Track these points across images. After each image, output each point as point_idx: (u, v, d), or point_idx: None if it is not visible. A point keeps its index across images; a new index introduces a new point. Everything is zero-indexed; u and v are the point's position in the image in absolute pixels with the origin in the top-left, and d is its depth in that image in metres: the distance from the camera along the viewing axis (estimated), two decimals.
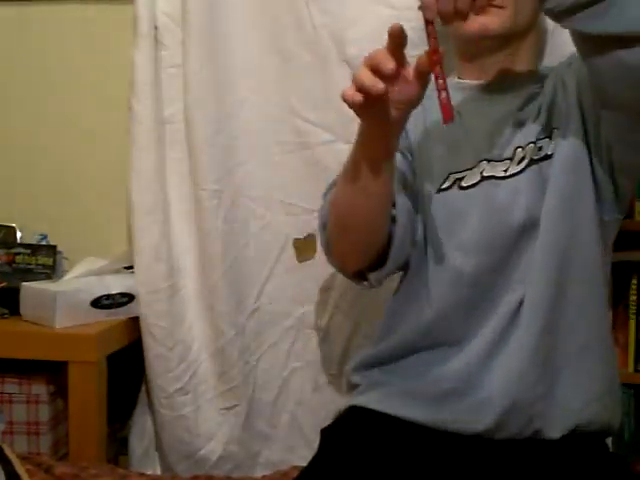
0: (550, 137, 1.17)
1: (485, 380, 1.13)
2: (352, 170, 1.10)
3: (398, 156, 1.18)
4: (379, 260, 1.19)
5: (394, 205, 1.16)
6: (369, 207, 1.12)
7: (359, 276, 1.23)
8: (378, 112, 1.02)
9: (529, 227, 1.14)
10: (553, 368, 1.13)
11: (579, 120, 1.15)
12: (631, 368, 1.59)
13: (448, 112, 0.98)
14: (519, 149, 1.18)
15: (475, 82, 1.26)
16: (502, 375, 1.12)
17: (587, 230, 1.14)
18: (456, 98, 1.25)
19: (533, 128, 1.18)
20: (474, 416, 1.12)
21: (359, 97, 0.98)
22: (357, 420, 1.19)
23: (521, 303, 1.13)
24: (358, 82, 0.98)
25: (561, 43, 1.42)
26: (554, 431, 1.12)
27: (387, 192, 1.12)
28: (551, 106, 1.19)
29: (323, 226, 1.23)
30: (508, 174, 1.17)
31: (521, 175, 1.16)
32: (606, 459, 1.15)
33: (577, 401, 1.13)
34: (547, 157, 1.16)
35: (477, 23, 1.18)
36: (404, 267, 1.24)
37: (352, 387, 1.28)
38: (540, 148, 1.17)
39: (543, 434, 1.12)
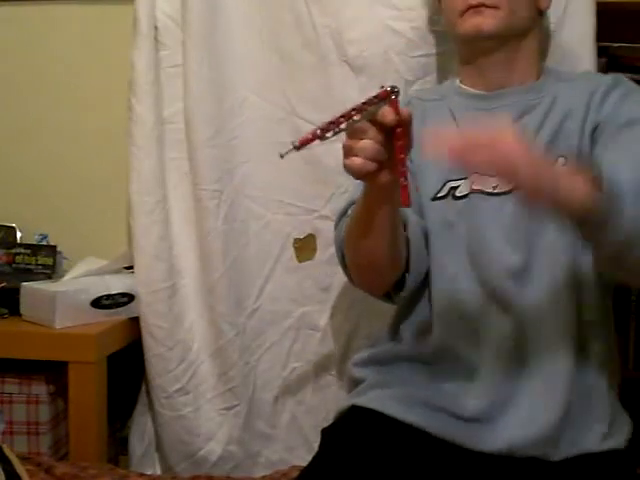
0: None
1: (491, 409, 1.13)
2: (361, 219, 1.10)
3: None
4: (403, 278, 1.19)
5: (405, 227, 1.16)
6: (383, 246, 1.12)
7: (385, 295, 1.25)
8: (376, 177, 1.00)
9: (519, 245, 1.14)
10: (564, 399, 1.12)
11: (589, 149, 1.15)
12: (631, 368, 1.59)
13: (406, 197, 0.97)
14: None
15: (474, 91, 1.26)
16: (511, 405, 1.12)
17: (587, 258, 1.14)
18: (455, 103, 1.26)
19: None
20: (475, 441, 1.11)
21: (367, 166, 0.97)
22: (358, 420, 1.18)
23: (523, 322, 1.13)
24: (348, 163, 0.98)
25: (562, 43, 1.43)
26: (560, 457, 1.11)
27: (396, 231, 1.12)
28: (558, 131, 1.18)
29: (340, 250, 1.23)
30: (496, 191, 1.16)
31: (508, 195, 1.15)
32: (607, 457, 1.13)
33: (588, 437, 1.12)
34: None
35: (470, 23, 1.18)
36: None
37: (354, 382, 1.28)
38: None
39: (548, 459, 1.11)
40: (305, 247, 1.60)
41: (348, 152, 0.98)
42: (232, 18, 1.56)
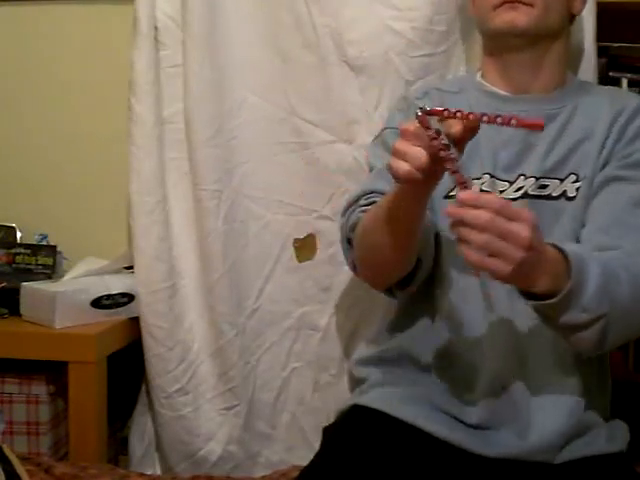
0: (562, 180, 1.16)
1: (495, 418, 1.13)
2: (388, 217, 1.08)
3: None
4: (407, 275, 1.19)
5: None
6: (403, 245, 1.11)
7: (387, 290, 1.24)
8: (417, 185, 0.99)
9: None
10: (570, 408, 1.12)
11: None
12: (631, 368, 1.59)
13: (535, 123, 0.92)
14: (521, 177, 1.17)
15: (495, 89, 1.25)
16: (514, 414, 1.12)
17: None
18: (474, 99, 1.24)
19: (542, 160, 1.17)
20: (480, 446, 1.11)
21: (417, 175, 0.94)
22: (360, 420, 1.18)
23: (524, 329, 1.13)
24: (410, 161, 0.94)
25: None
26: (562, 459, 1.11)
27: (420, 230, 1.11)
28: (575, 149, 1.17)
29: (347, 240, 1.23)
30: (501, 196, 1.16)
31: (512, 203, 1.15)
32: (608, 460, 1.13)
33: (591, 444, 1.12)
34: (550, 197, 1.15)
35: (503, 18, 1.18)
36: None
37: (356, 381, 1.27)
38: (543, 186, 1.16)
39: (551, 461, 1.11)
40: (305, 247, 1.60)
41: (398, 155, 0.95)
42: (232, 18, 1.56)
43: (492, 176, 1.18)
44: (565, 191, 1.16)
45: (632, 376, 1.58)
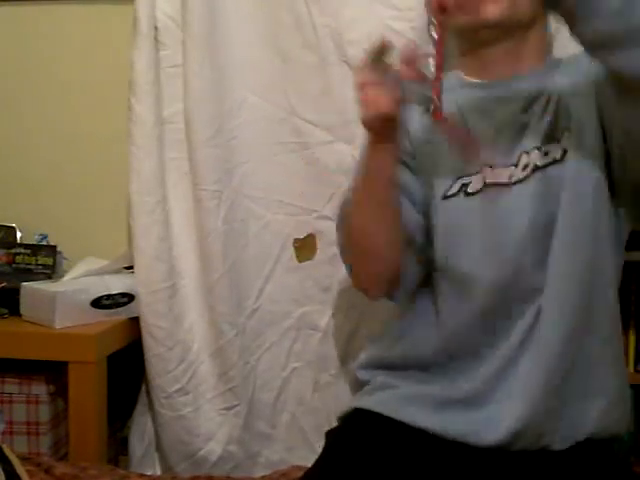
0: (559, 140, 1.14)
1: (497, 396, 1.12)
2: (362, 184, 1.11)
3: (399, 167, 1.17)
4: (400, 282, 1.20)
5: (406, 226, 1.16)
6: (384, 224, 1.13)
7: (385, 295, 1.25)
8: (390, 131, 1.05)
9: (539, 236, 1.12)
10: (568, 383, 1.11)
11: (596, 121, 1.11)
12: (631, 368, 1.58)
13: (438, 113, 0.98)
14: (524, 154, 1.15)
15: (478, 81, 1.24)
16: (515, 392, 1.11)
17: (606, 236, 1.12)
18: (461, 95, 1.23)
19: (538, 131, 1.15)
20: (481, 430, 1.11)
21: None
22: (362, 423, 1.18)
23: (538, 315, 1.12)
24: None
25: (564, 43, 1.42)
26: (562, 445, 1.11)
27: (397, 205, 1.13)
28: (559, 106, 1.15)
29: (340, 244, 1.25)
30: (512, 181, 1.14)
31: (526, 182, 1.13)
32: (608, 461, 1.13)
33: (588, 417, 1.12)
34: (555, 161, 1.13)
35: (472, 12, 1.16)
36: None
37: (359, 384, 1.27)
38: (546, 153, 1.14)
39: (551, 448, 1.11)
40: (305, 247, 1.60)
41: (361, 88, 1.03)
42: (232, 19, 1.56)
43: (493, 167, 1.17)
44: (565, 149, 1.13)
45: (632, 376, 1.58)
